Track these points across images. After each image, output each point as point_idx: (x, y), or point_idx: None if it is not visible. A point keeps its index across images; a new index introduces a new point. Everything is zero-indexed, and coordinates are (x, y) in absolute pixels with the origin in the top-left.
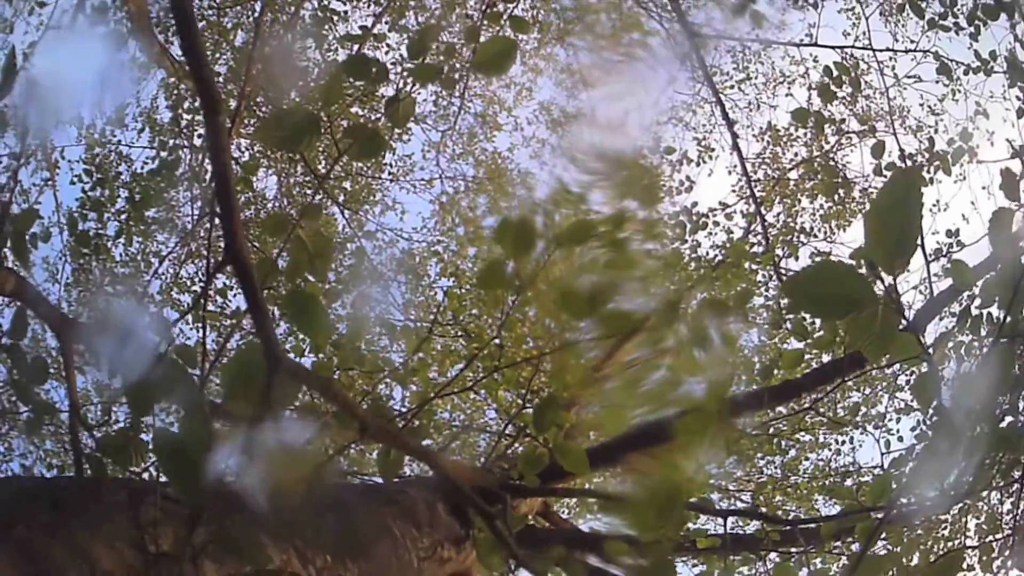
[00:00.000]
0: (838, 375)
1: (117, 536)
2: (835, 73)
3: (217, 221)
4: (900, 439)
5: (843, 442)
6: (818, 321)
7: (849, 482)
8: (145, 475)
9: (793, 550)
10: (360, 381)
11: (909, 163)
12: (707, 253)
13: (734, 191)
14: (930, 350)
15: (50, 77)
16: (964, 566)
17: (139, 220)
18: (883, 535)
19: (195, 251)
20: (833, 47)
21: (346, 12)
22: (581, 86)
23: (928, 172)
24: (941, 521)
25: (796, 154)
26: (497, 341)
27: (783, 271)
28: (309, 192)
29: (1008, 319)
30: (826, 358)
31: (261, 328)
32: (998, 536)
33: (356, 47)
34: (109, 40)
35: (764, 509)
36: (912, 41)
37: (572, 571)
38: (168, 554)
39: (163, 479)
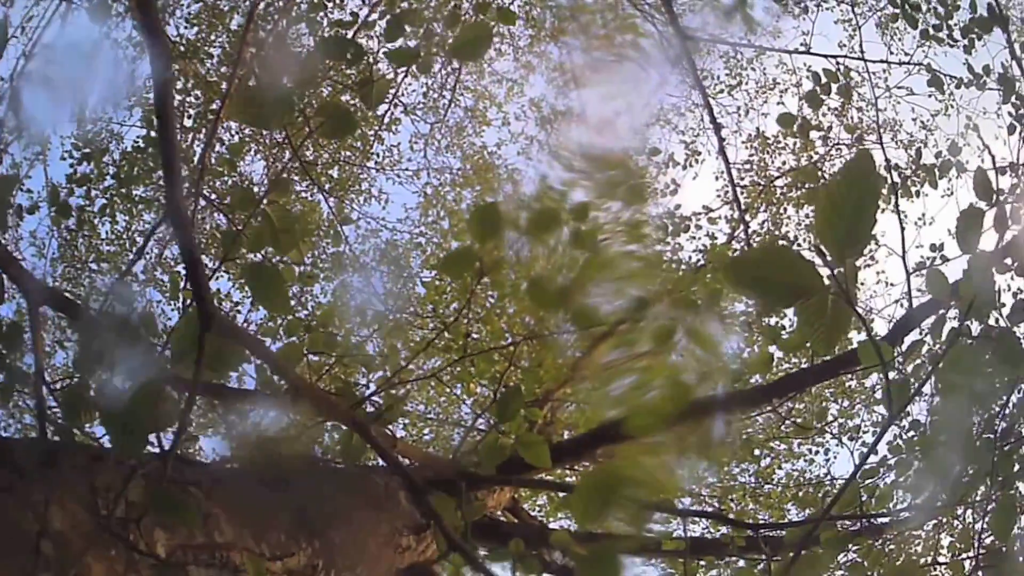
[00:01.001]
0: (809, 381)
1: (72, 498)
2: (823, 80)
3: (202, 203)
4: (875, 452)
5: (817, 452)
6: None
7: (822, 494)
8: None
9: (760, 557)
10: (337, 370)
11: (895, 174)
12: (689, 257)
13: (719, 196)
14: (900, 358)
15: (46, 52)
16: None
17: (126, 198)
18: (855, 546)
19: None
20: (825, 56)
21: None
22: (572, 85)
23: (915, 185)
24: (914, 537)
25: (784, 162)
26: (467, 330)
27: None
28: (296, 178)
29: (970, 318)
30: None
31: (195, 284)
32: (970, 554)
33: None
34: (106, 18)
35: (732, 516)
36: (907, 54)
37: (527, 566)
38: (119, 517)
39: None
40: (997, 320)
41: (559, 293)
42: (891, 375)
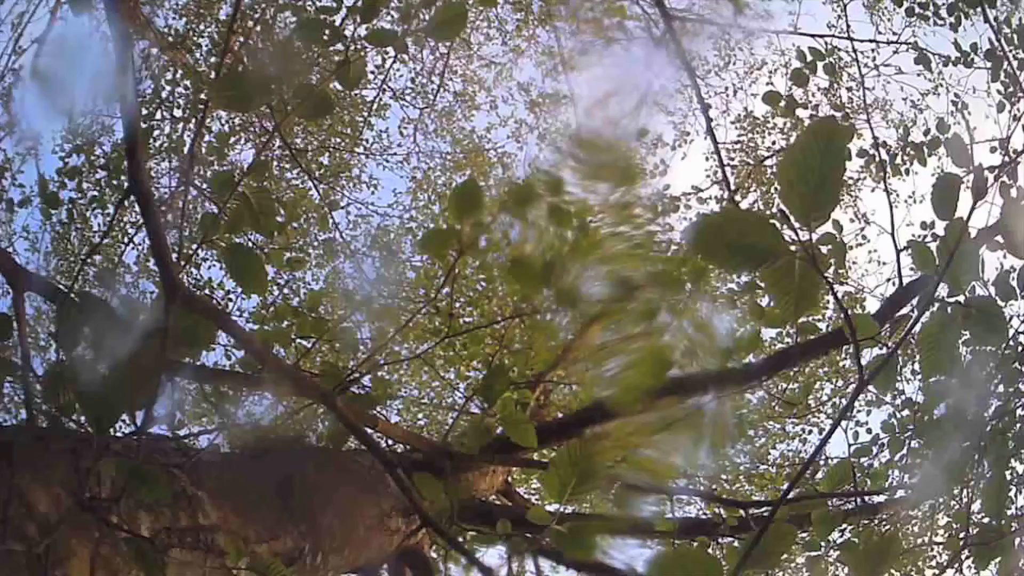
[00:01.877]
0: (797, 359)
1: (57, 482)
2: (809, 58)
3: (193, 192)
4: (869, 431)
5: (810, 432)
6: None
7: (820, 475)
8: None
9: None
10: (328, 356)
11: (884, 152)
12: (680, 237)
13: (709, 176)
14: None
15: (36, 48)
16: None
17: (118, 189)
18: (848, 526)
19: (170, 222)
20: (812, 35)
21: None
22: (561, 68)
23: (905, 163)
24: (910, 516)
25: (773, 142)
26: (451, 310)
27: None
28: (287, 166)
29: (948, 285)
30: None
31: (159, 257)
32: (963, 535)
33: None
34: (87, 10)
35: (724, 496)
36: (895, 33)
37: (514, 545)
38: (102, 499)
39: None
40: (989, 294)
41: (542, 272)
42: (875, 350)
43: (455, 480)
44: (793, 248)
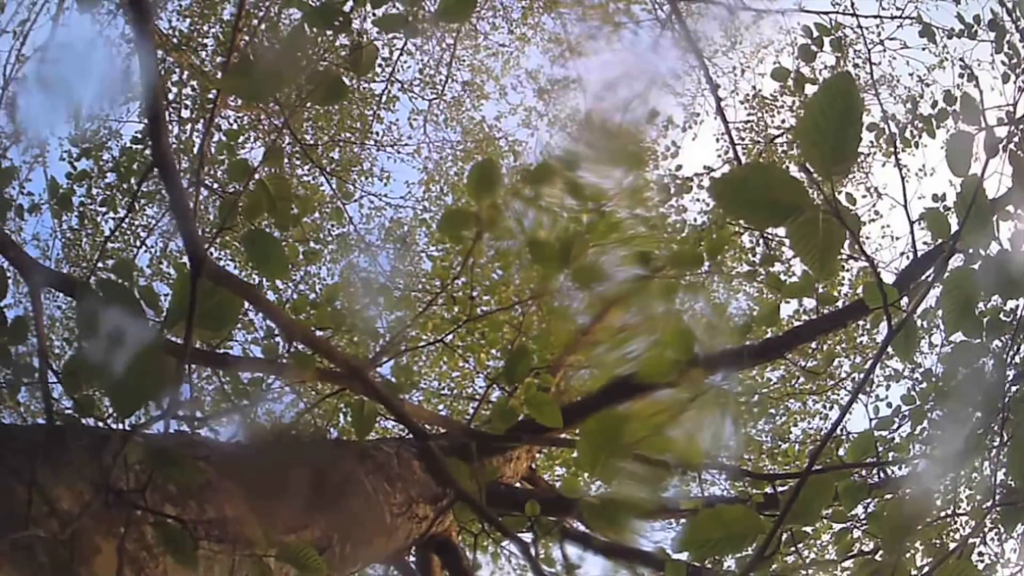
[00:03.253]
0: (818, 331)
1: (78, 478)
2: (815, 33)
3: (204, 192)
4: (889, 405)
5: (831, 408)
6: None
7: (842, 451)
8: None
9: (776, 513)
10: (347, 348)
11: (892, 125)
12: (694, 218)
13: (720, 156)
14: (906, 300)
15: (41, 54)
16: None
17: (127, 192)
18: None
19: None
20: (818, 12)
21: None
22: (569, 54)
23: (914, 136)
24: (934, 489)
25: (783, 120)
26: (466, 293)
27: (767, 235)
28: (298, 161)
29: (960, 242)
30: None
31: (183, 229)
32: (987, 504)
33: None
34: (95, 8)
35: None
36: (899, 8)
37: (542, 527)
38: (125, 493)
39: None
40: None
41: (561, 251)
42: (894, 317)
43: (482, 464)
44: (817, 202)
